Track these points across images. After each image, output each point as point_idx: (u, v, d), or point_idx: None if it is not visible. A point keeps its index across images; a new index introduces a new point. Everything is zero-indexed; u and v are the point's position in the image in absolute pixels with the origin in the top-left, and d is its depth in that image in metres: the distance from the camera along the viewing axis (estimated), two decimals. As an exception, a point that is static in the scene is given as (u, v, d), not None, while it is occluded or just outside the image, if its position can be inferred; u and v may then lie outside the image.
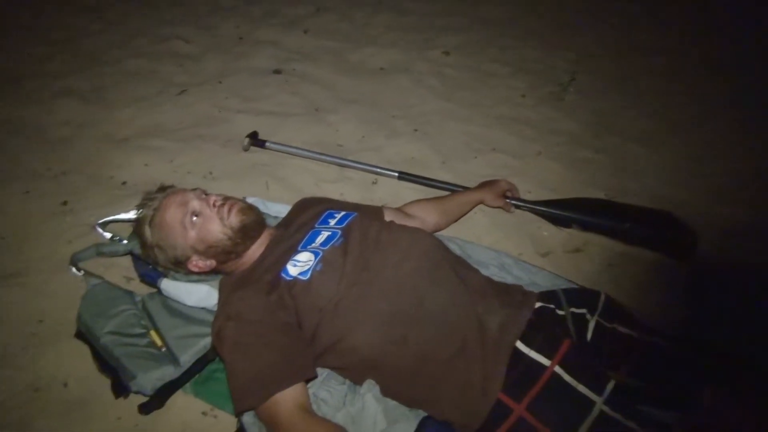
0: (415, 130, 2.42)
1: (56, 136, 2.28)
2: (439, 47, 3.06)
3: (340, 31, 3.21)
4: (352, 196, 2.09)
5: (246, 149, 2.23)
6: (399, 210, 1.75)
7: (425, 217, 1.78)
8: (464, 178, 2.17)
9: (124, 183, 2.08)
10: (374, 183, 2.15)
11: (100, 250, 1.75)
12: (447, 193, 2.01)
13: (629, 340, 1.34)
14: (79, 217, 1.90)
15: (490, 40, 3.19)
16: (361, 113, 2.53)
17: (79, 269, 1.69)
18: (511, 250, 1.88)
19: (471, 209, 1.95)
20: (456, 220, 1.89)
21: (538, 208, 1.99)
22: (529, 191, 2.13)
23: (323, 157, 2.20)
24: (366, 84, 2.75)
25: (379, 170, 2.14)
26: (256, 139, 2.26)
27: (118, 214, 1.85)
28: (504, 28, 3.35)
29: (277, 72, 2.77)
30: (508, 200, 1.98)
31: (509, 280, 1.68)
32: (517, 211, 2.01)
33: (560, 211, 1.97)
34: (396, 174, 2.11)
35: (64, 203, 1.95)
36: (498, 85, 2.77)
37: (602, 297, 1.42)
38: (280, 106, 2.55)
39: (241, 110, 2.50)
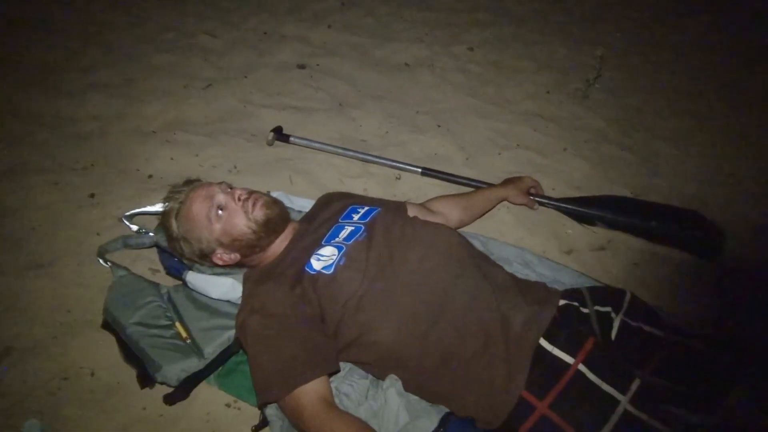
0: (439, 126, 2.41)
1: (85, 130, 2.31)
2: (464, 43, 3.04)
3: (365, 26, 3.21)
4: (376, 191, 2.09)
5: (270, 144, 2.24)
6: (422, 206, 1.75)
7: (448, 214, 1.77)
8: (488, 174, 2.16)
9: (150, 176, 2.11)
10: (398, 179, 2.15)
11: (127, 242, 1.77)
12: (470, 189, 2.00)
13: (654, 340, 1.33)
14: (107, 210, 1.93)
15: (516, 36, 3.17)
16: (385, 109, 2.53)
17: (106, 261, 1.71)
18: (535, 247, 1.86)
19: (494, 206, 1.94)
20: (479, 217, 1.89)
21: (562, 205, 1.97)
22: (553, 188, 2.11)
23: (347, 152, 2.20)
24: (390, 80, 2.75)
25: (402, 166, 2.14)
26: (280, 134, 2.26)
27: (145, 206, 1.87)
28: (530, 23, 3.32)
29: (302, 67, 2.77)
30: (532, 197, 1.96)
31: (532, 277, 1.67)
32: (541, 208, 1.99)
33: (585, 209, 1.94)
34: (419, 170, 2.10)
35: (92, 195, 1.98)
36: (523, 81, 2.75)
37: (627, 296, 1.41)
38: (304, 101, 2.56)
39: (266, 105, 2.52)
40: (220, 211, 1.47)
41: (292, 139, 2.24)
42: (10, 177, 2.04)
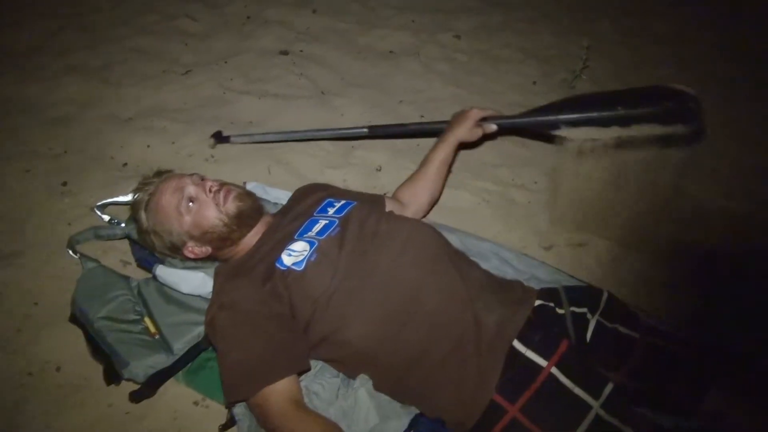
0: (422, 117, 2.37)
1: (59, 115, 2.25)
2: (451, 30, 2.98)
3: (351, 11, 3.14)
4: (356, 182, 2.06)
5: (212, 147, 2.16)
6: (394, 198, 1.72)
7: (417, 199, 1.73)
8: (471, 167, 2.13)
9: (125, 164, 2.06)
10: (378, 170, 2.12)
11: (98, 233, 1.74)
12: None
13: (630, 341, 1.32)
14: (79, 198, 1.89)
15: (504, 24, 3.11)
16: (368, 97, 2.48)
17: (75, 252, 1.67)
18: (514, 242, 1.84)
19: (454, 155, 1.80)
20: (446, 177, 1.80)
21: (518, 120, 1.80)
22: (535, 182, 2.08)
23: (289, 135, 2.14)
24: (374, 67, 2.70)
25: (348, 132, 2.06)
26: (219, 138, 2.16)
27: (117, 196, 1.83)
28: (518, 11, 3.26)
29: (284, 53, 2.72)
30: (485, 123, 1.78)
31: (510, 273, 1.64)
32: (521, 201, 1.96)
33: (543, 117, 1.76)
34: (366, 130, 2.02)
35: (64, 183, 1.93)
36: (509, 71, 2.70)
37: (604, 295, 1.39)
38: (285, 88, 2.51)
39: (246, 91, 2.46)
40: (190, 203, 1.43)
41: (232, 138, 2.15)
42: (-20, 164, 1.99)
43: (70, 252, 1.67)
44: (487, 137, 1.85)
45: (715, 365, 1.30)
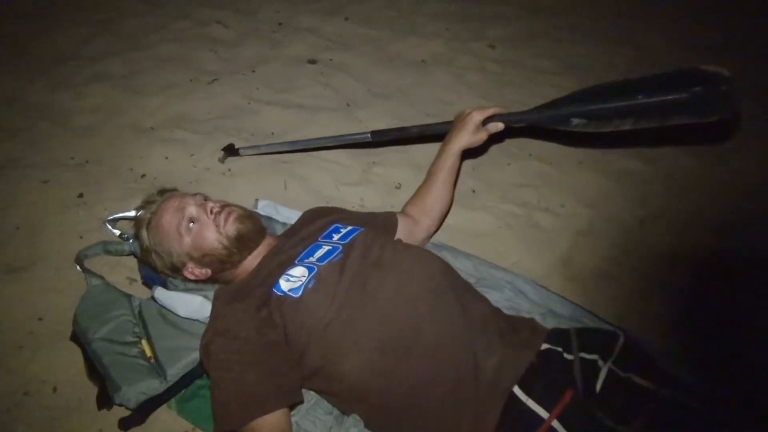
0: (448, 131, 2.28)
1: (83, 124, 2.26)
2: (486, 39, 2.88)
3: (384, 18, 3.07)
4: (374, 200, 1.99)
5: (222, 161, 2.11)
6: (405, 214, 1.65)
7: (429, 213, 1.66)
8: (495, 187, 2.03)
9: (143, 176, 2.05)
10: (398, 188, 2.04)
11: (107, 248, 1.72)
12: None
13: (645, 392, 1.20)
14: (93, 211, 1.88)
15: (541, 32, 2.98)
16: (394, 110, 2.41)
17: (82, 267, 1.66)
18: (536, 270, 1.74)
19: (459, 162, 1.69)
20: (455, 184, 1.70)
21: (526, 116, 1.61)
22: (562, 205, 1.96)
23: (294, 145, 2.07)
24: (403, 77, 2.62)
25: (351, 138, 1.96)
26: (230, 151, 2.12)
27: (130, 210, 1.80)
28: (558, 18, 3.13)
29: (312, 62, 2.67)
30: (490, 123, 1.62)
31: (524, 306, 1.54)
32: (546, 226, 1.85)
33: (553, 110, 1.56)
34: (369, 136, 1.91)
35: (80, 195, 1.93)
36: (543, 83, 2.58)
37: (620, 340, 1.28)
38: (311, 99, 2.46)
39: (271, 102, 2.42)
40: (191, 224, 1.41)
41: (241, 151, 2.10)
42: (1, 171, 2.01)
43: (78, 267, 1.66)
44: (494, 137, 1.69)
45: (736, 423, 1.17)
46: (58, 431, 1.35)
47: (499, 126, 1.63)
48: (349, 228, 1.46)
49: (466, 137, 1.63)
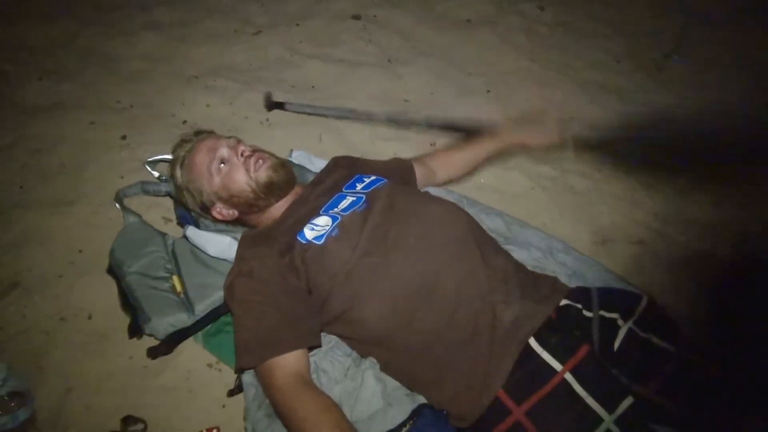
0: (488, 91, 2.25)
1: (131, 70, 2.32)
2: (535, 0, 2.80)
3: (434, -25, 3.02)
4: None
5: (268, 109, 2.14)
6: (423, 163, 1.68)
7: (449, 173, 1.71)
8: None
9: (184, 122, 2.10)
10: (432, 145, 2.03)
11: (145, 188, 1.78)
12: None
13: (665, 354, 1.18)
14: (135, 153, 1.94)
15: (595, -6, 2.89)
16: (436, 68, 2.38)
17: (122, 205, 1.72)
18: (566, 233, 1.71)
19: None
20: (477, 166, 1.75)
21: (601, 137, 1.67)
22: (599, 169, 1.92)
23: (342, 113, 2.08)
24: (447, 36, 2.58)
25: (405, 119, 2.01)
26: (276, 105, 2.13)
27: (169, 153, 1.85)
28: (615, -20, 3.01)
29: (356, 17, 2.65)
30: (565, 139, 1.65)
31: (550, 267, 1.53)
32: (581, 189, 1.81)
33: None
34: (423, 121, 1.97)
35: (123, 137, 1.99)
36: (592, 47, 2.50)
37: (643, 302, 1.25)
38: (352, 53, 2.46)
39: (313, 55, 2.43)
40: (221, 164, 1.43)
41: (287, 106, 2.12)
42: (53, 111, 2.09)
43: (117, 205, 1.72)
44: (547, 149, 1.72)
45: (758, 392, 1.14)
46: (91, 356, 1.42)
47: (567, 145, 1.68)
48: (373, 178, 1.47)
49: (531, 138, 1.68)
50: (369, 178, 1.47)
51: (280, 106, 2.12)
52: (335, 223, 1.32)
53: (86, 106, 2.12)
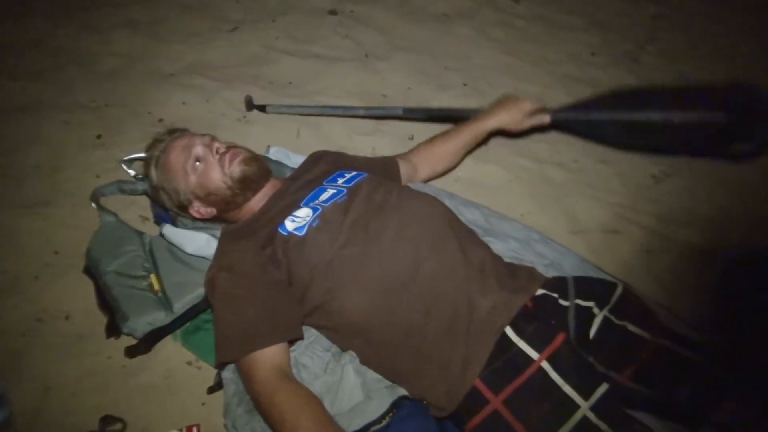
0: (465, 85, 2.26)
1: (106, 68, 2.30)
2: (512, -7, 2.82)
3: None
4: (385, 151, 1.98)
5: (248, 110, 2.13)
6: (407, 159, 1.68)
7: (432, 167, 1.72)
8: (508, 141, 2.01)
9: (160, 120, 2.08)
10: (410, 139, 2.04)
11: (122, 187, 1.76)
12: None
13: (640, 342, 1.20)
14: (110, 152, 1.92)
15: (571, -14, 2.90)
16: (413, 62, 2.39)
17: (97, 205, 1.71)
18: (542, 224, 1.73)
19: (486, 138, 1.74)
20: (464, 156, 1.76)
21: (576, 115, 1.66)
22: (575, 160, 1.94)
23: (323, 110, 2.08)
24: (424, 31, 2.59)
25: (383, 111, 2.02)
26: (257, 107, 2.13)
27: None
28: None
29: (333, 13, 2.65)
30: (536, 115, 1.66)
31: (528, 257, 1.54)
32: (557, 180, 1.83)
33: (606, 114, 1.61)
34: (401, 111, 1.95)
35: (98, 137, 1.97)
36: (568, 40, 2.52)
37: (618, 290, 1.28)
38: (329, 49, 2.45)
39: (290, 52, 2.42)
40: (197, 163, 1.43)
41: (268, 109, 2.11)
42: (26, 112, 2.05)
43: (93, 204, 1.71)
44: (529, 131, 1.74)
45: (733, 376, 1.16)
46: (69, 356, 1.41)
47: (544, 119, 1.68)
48: (354, 173, 1.48)
49: (508, 119, 1.68)
50: (350, 173, 1.48)
51: (261, 109, 2.11)
52: (316, 214, 1.33)
53: (60, 106, 2.09)
